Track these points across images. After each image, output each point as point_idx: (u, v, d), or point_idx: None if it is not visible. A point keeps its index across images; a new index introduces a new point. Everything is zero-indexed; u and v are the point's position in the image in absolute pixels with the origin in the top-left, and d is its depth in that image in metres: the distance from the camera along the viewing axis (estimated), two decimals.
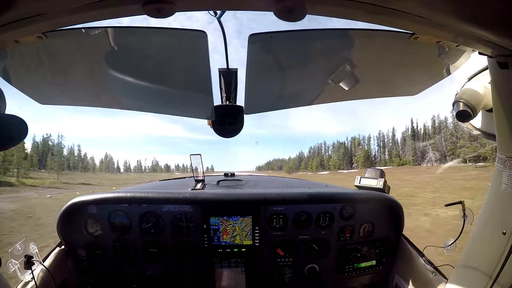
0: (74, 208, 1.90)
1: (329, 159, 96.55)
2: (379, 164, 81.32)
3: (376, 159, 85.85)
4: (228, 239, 1.98)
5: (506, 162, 1.15)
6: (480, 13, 0.74)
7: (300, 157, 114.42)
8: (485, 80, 1.21)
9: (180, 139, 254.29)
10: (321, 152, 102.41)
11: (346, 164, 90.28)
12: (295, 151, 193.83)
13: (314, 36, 1.24)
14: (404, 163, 75.01)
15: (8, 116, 0.97)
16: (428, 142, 69.85)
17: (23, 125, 0.94)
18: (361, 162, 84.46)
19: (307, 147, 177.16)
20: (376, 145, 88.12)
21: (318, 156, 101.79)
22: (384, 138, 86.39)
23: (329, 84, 1.47)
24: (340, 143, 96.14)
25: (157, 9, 0.71)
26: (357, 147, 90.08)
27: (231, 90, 1.51)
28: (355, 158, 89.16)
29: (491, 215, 1.25)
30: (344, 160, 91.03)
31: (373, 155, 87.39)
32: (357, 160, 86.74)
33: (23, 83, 1.39)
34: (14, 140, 0.95)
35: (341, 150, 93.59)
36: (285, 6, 0.71)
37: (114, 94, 1.56)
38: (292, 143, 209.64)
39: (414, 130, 78.60)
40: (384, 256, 2.11)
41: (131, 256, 1.97)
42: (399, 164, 75.60)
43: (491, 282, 1.21)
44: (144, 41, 1.22)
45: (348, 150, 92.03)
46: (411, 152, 75.26)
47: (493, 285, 1.20)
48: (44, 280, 1.63)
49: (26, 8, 0.71)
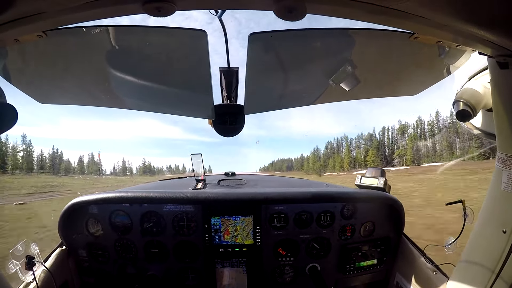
0: (75, 208, 1.90)
1: (357, 155, 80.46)
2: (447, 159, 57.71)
3: (434, 152, 62.31)
4: (229, 238, 1.98)
5: (506, 161, 1.15)
6: (480, 13, 0.74)
7: (315, 155, 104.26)
8: (485, 80, 1.21)
9: (180, 141, 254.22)
10: (342, 147, 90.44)
11: (381, 160, 73.32)
12: (297, 151, 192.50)
13: (314, 35, 1.23)
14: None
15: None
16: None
17: (13, 112, 0.95)
18: (409, 156, 63.36)
19: (307, 147, 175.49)
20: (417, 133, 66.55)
21: (337, 154, 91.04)
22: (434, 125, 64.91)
23: (329, 84, 1.47)
24: (370, 135, 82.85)
25: (157, 8, 0.71)
26: (401, 137, 70.06)
27: (232, 89, 1.51)
28: (398, 151, 70.70)
29: (491, 214, 1.25)
30: (378, 155, 73.38)
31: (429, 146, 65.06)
32: (402, 154, 67.50)
33: (22, 82, 1.39)
34: (4, 127, 0.95)
35: (373, 143, 79.61)
36: (285, 5, 0.71)
37: (114, 93, 1.56)
38: (293, 144, 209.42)
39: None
40: (385, 255, 2.11)
41: (132, 256, 1.97)
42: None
43: (492, 280, 1.21)
44: (144, 40, 1.21)
45: (380, 143, 76.91)
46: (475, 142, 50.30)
47: (494, 283, 1.20)
48: (45, 280, 1.63)
49: (26, 7, 0.71)
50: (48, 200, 24.02)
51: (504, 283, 1.17)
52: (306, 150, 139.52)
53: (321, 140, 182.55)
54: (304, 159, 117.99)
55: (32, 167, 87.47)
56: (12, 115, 0.95)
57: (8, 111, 0.95)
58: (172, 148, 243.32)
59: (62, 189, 41.10)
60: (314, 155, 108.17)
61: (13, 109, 0.96)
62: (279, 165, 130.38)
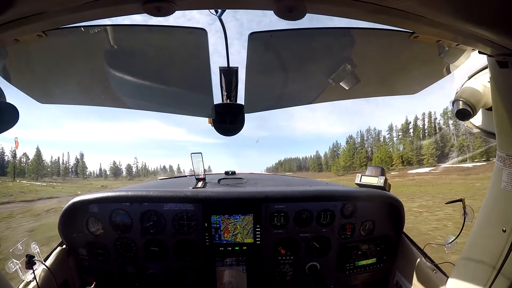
0: (75, 207, 1.90)
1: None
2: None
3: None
4: (229, 237, 1.98)
5: (506, 160, 1.15)
6: (480, 12, 0.74)
7: (334, 151, 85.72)
8: (485, 79, 1.21)
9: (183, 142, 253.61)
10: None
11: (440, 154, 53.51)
12: (301, 151, 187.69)
13: (314, 35, 1.24)
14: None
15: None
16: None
17: (14, 111, 0.96)
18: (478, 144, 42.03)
19: (308, 147, 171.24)
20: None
21: (382, 146, 69.87)
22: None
23: (329, 83, 1.47)
24: (407, 123, 61.29)
25: (157, 7, 0.71)
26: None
27: (231, 89, 1.51)
28: (460, 140, 49.18)
29: (491, 213, 1.26)
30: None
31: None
32: (465, 146, 46.73)
33: (23, 82, 1.39)
34: (4, 126, 0.96)
35: (416, 133, 59.95)
36: (285, 5, 0.71)
37: (115, 93, 1.56)
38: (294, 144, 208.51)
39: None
40: (385, 254, 2.12)
41: (133, 255, 1.98)
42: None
43: (491, 279, 1.21)
44: (144, 40, 1.21)
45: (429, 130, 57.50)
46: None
47: (493, 282, 1.21)
48: (45, 279, 1.63)
49: (27, 7, 0.71)
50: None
51: (504, 282, 1.18)
52: (311, 150, 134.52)
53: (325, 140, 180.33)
54: (322, 156, 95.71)
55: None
56: (13, 114, 0.96)
57: (9, 110, 0.96)
58: (171, 149, 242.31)
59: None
60: (349, 147, 79.63)
61: (14, 108, 0.96)
62: (288, 165, 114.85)
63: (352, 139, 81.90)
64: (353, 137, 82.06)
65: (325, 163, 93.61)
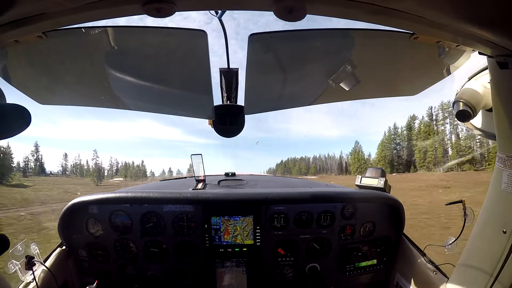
0: (75, 208, 1.90)
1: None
2: None
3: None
4: (229, 238, 1.98)
5: (506, 161, 1.15)
6: (480, 13, 0.74)
7: (356, 150, 77.78)
8: (485, 80, 1.21)
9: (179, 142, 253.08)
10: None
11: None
12: (299, 153, 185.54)
13: (314, 36, 1.24)
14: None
15: (10, 105, 0.98)
16: None
17: (26, 114, 0.95)
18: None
19: (309, 147, 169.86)
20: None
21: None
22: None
23: (329, 84, 1.47)
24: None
25: (157, 8, 0.71)
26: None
27: (232, 90, 1.51)
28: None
29: (492, 214, 1.25)
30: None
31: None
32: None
33: (22, 82, 1.39)
34: (17, 129, 0.96)
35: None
36: (285, 6, 0.71)
37: (114, 94, 1.56)
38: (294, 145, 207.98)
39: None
40: (385, 255, 2.11)
41: (132, 256, 1.97)
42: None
43: (491, 281, 1.21)
44: (144, 41, 1.22)
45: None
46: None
47: (493, 284, 1.20)
48: (45, 280, 1.63)
49: (26, 8, 0.71)
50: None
51: (504, 284, 1.17)
52: (313, 151, 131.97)
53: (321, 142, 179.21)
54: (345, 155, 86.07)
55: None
56: (25, 117, 0.96)
57: (20, 113, 0.96)
58: (170, 150, 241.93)
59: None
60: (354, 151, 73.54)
61: (26, 111, 0.96)
62: (299, 165, 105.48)
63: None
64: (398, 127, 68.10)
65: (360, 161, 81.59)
